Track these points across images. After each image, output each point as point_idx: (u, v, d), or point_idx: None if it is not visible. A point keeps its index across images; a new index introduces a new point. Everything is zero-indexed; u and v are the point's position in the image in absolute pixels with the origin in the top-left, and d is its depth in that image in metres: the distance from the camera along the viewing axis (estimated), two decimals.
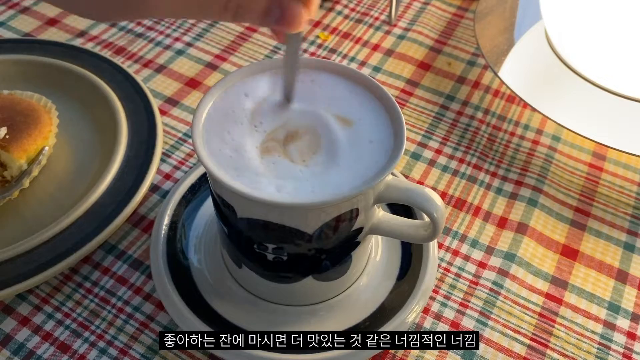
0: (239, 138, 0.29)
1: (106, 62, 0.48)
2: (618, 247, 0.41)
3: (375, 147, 0.29)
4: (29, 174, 0.40)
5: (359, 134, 0.30)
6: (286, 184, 0.27)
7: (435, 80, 0.52)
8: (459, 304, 0.38)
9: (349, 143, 0.29)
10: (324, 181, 0.28)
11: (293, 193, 0.27)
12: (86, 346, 0.35)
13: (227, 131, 0.29)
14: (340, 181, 0.28)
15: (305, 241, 0.29)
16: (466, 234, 0.41)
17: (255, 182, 0.27)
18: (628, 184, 0.45)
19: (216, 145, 0.28)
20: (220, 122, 0.29)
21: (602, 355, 0.36)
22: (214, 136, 0.29)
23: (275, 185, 0.27)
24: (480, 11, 0.54)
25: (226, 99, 0.31)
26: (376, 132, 0.30)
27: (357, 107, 0.31)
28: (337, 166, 0.28)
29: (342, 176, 0.28)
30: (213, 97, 0.31)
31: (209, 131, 0.29)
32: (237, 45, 0.54)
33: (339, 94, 0.31)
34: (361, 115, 0.30)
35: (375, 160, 0.28)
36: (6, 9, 0.56)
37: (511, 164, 0.46)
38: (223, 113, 0.30)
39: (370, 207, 0.30)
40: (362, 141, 0.29)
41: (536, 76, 0.49)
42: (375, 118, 0.30)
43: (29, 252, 0.36)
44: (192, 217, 0.39)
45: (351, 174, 0.28)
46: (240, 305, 0.35)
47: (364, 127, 0.30)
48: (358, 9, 0.58)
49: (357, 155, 0.29)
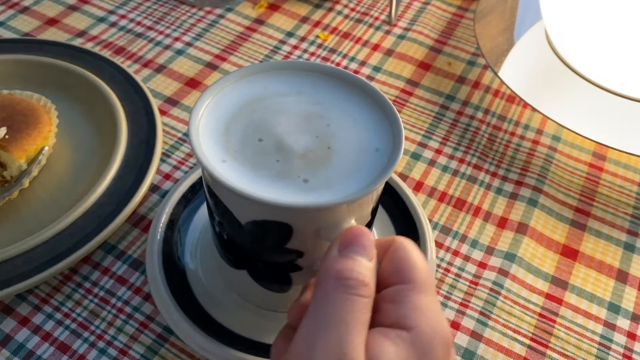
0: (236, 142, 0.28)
1: (106, 62, 0.48)
2: (618, 247, 0.41)
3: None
4: (29, 174, 0.40)
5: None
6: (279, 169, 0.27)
7: (435, 80, 0.52)
8: (459, 304, 0.38)
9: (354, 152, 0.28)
10: (313, 181, 0.27)
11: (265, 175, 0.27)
12: (86, 346, 0.35)
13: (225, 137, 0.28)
14: (312, 189, 0.26)
15: (236, 226, 0.29)
16: (466, 234, 0.41)
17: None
18: (628, 184, 0.45)
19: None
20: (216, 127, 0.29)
21: (602, 355, 0.36)
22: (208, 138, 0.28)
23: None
24: (480, 11, 0.54)
25: (223, 101, 0.30)
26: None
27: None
28: (331, 169, 0.27)
29: (323, 185, 0.27)
30: (209, 98, 0.30)
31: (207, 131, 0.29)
32: (237, 45, 0.54)
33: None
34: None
35: (352, 186, 0.27)
36: (6, 8, 0.56)
37: (511, 164, 0.46)
38: (218, 117, 0.29)
39: (311, 235, 0.28)
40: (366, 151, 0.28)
41: (536, 76, 0.49)
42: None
43: (29, 252, 0.36)
44: (190, 218, 0.39)
45: (330, 190, 0.26)
46: (236, 310, 0.35)
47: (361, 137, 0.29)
48: (358, 9, 0.58)
49: (353, 166, 0.28)
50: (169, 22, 0.55)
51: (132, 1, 0.57)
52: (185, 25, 0.55)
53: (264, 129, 0.29)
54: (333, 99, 0.30)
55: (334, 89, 0.31)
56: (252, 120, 0.29)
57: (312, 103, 0.30)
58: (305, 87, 0.31)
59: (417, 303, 0.24)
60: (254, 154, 0.28)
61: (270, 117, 0.29)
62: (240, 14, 0.57)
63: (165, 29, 0.55)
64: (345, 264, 0.24)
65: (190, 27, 0.55)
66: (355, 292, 0.23)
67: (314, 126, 0.29)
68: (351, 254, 0.25)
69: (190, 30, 0.55)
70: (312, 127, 0.29)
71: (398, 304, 0.24)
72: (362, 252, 0.25)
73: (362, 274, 0.24)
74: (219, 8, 0.57)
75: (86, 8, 0.56)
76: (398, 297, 0.24)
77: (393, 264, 0.25)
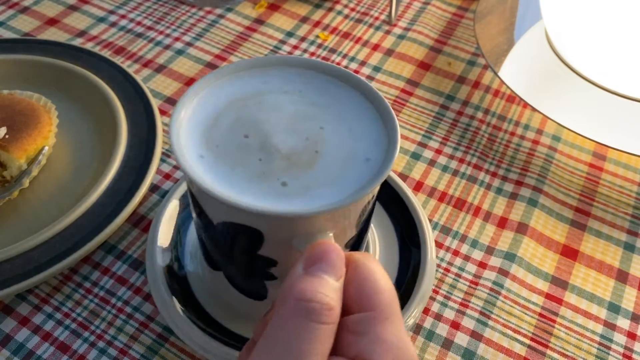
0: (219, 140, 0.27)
1: (106, 62, 0.48)
2: (618, 247, 0.41)
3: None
4: (29, 174, 0.40)
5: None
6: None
7: (435, 80, 0.52)
8: (459, 304, 0.38)
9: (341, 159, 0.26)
10: (292, 186, 0.25)
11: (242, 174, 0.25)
12: (86, 346, 0.35)
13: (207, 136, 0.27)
14: (295, 193, 0.25)
15: (210, 225, 0.27)
16: (466, 234, 0.41)
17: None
18: (628, 184, 0.45)
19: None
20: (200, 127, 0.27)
21: (602, 355, 0.36)
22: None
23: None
24: (480, 11, 0.54)
25: (219, 93, 0.28)
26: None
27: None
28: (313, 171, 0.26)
29: (304, 190, 0.25)
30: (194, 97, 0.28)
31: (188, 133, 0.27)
32: (236, 45, 0.54)
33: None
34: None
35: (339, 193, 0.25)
36: (6, 8, 0.56)
37: (511, 164, 0.46)
38: (208, 108, 0.28)
39: (283, 244, 0.26)
40: (356, 160, 0.26)
41: (536, 76, 0.49)
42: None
43: (29, 252, 0.36)
44: (190, 218, 0.39)
45: (308, 198, 0.25)
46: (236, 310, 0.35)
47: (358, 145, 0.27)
48: (358, 9, 0.58)
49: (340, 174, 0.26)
50: (169, 22, 0.55)
51: (132, 1, 0.57)
52: (185, 25, 0.55)
53: (252, 125, 0.27)
54: (334, 102, 0.29)
55: (336, 91, 0.29)
56: (243, 115, 0.27)
57: (311, 104, 0.29)
58: (308, 87, 0.29)
59: (381, 335, 0.22)
60: (236, 150, 0.26)
61: (263, 113, 0.28)
62: (240, 14, 0.57)
63: (166, 29, 0.55)
64: (309, 284, 0.22)
65: (191, 27, 0.55)
66: (318, 318, 0.21)
67: (306, 127, 0.27)
68: (318, 272, 0.22)
69: (190, 30, 0.55)
70: (304, 128, 0.27)
71: (361, 336, 0.22)
72: (330, 270, 0.22)
73: (328, 296, 0.22)
74: (219, 8, 0.57)
75: (86, 8, 0.56)
76: (361, 327, 0.22)
77: (354, 287, 0.23)
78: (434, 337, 0.36)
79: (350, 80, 0.30)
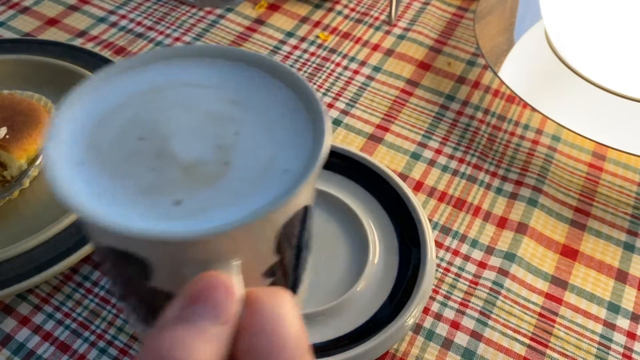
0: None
1: (106, 62, 0.48)
2: (618, 247, 0.41)
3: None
4: (29, 174, 0.40)
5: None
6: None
7: (435, 80, 0.52)
8: (459, 304, 0.38)
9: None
10: (201, 198, 0.20)
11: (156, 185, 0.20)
12: (86, 346, 0.35)
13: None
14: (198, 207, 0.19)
15: (96, 247, 0.22)
16: (466, 234, 0.41)
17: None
18: (628, 184, 0.45)
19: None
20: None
21: (602, 355, 0.36)
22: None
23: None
24: (480, 11, 0.54)
25: (114, 88, 0.23)
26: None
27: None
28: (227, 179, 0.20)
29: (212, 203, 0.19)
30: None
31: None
32: (237, 45, 0.54)
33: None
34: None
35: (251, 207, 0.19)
36: (6, 9, 0.56)
37: (511, 164, 0.46)
38: (99, 105, 0.22)
39: (176, 275, 0.20)
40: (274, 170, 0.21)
41: (536, 76, 0.49)
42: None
43: (29, 252, 0.36)
44: None
45: (203, 218, 0.19)
46: None
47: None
48: (358, 9, 0.58)
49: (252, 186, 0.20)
50: (169, 22, 0.55)
51: (132, 1, 0.57)
52: (185, 25, 0.55)
53: (150, 125, 0.21)
54: (257, 99, 0.23)
55: (262, 86, 0.24)
56: (140, 113, 0.22)
57: (229, 102, 0.23)
58: (229, 81, 0.24)
59: None
60: (127, 157, 0.21)
61: (166, 112, 0.22)
62: (241, 14, 0.57)
63: (166, 29, 0.55)
64: (170, 337, 0.16)
65: (191, 27, 0.55)
66: None
67: (218, 132, 0.22)
68: (193, 317, 0.17)
69: (190, 30, 0.55)
70: (215, 133, 0.21)
71: None
72: (209, 313, 0.17)
73: (197, 350, 0.16)
74: (219, 8, 0.57)
75: (86, 8, 0.56)
76: None
77: (250, 336, 0.17)
78: (434, 336, 0.36)
79: (280, 73, 0.24)
